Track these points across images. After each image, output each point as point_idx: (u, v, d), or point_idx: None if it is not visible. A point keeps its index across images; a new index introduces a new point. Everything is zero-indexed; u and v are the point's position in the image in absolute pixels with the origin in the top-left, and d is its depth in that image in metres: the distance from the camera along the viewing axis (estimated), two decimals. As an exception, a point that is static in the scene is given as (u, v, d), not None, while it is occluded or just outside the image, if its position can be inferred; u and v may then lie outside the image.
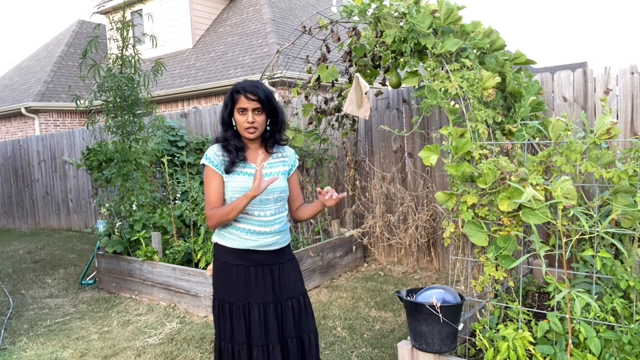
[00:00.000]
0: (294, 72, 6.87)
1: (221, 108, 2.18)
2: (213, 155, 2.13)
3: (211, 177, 2.12)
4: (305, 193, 5.32)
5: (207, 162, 2.13)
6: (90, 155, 5.25)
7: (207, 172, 2.13)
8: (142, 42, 5.67)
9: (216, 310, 2.17)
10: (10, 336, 3.97)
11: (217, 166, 2.11)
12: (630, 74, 3.81)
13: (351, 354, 3.29)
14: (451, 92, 2.95)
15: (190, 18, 12.15)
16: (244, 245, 2.13)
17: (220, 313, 2.15)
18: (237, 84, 2.13)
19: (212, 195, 2.11)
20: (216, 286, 2.18)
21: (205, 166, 2.14)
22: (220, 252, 2.17)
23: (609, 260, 2.37)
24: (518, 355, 2.33)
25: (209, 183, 2.12)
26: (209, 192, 2.12)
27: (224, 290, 2.15)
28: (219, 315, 2.15)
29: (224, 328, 2.13)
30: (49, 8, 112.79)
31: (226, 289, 2.15)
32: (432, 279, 4.83)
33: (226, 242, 2.15)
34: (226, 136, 2.14)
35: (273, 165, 2.19)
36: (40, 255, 7.07)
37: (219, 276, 2.18)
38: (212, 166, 2.11)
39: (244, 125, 2.09)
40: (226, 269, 2.15)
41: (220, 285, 2.16)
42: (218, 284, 2.17)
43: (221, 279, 2.16)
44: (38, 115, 11.89)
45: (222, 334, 2.14)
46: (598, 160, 2.52)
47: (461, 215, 2.64)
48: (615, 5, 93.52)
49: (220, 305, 2.15)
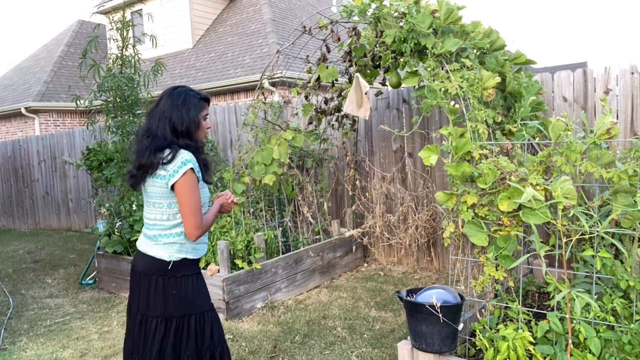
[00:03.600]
0: (294, 72, 6.87)
1: (191, 115, 2.08)
2: (195, 163, 2.04)
3: (196, 185, 2.03)
4: (305, 193, 5.33)
5: (196, 167, 2.04)
6: (90, 155, 5.25)
7: (193, 179, 2.01)
8: (142, 42, 5.67)
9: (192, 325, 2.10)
10: (10, 336, 3.97)
11: (199, 172, 2.07)
12: (630, 74, 3.81)
13: (351, 354, 3.29)
14: (451, 92, 2.95)
15: (190, 18, 12.15)
16: (205, 252, 2.22)
17: (197, 327, 2.12)
18: (192, 90, 2.14)
19: (198, 204, 2.02)
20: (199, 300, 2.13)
21: (193, 171, 2.02)
22: (192, 267, 2.13)
23: (609, 260, 2.37)
24: (518, 355, 2.33)
25: (195, 190, 2.01)
26: (196, 200, 2.01)
27: (202, 302, 2.15)
28: (195, 330, 2.11)
29: (198, 339, 2.13)
30: (49, 8, 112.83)
31: (204, 299, 2.17)
32: (432, 279, 4.83)
33: (196, 254, 2.15)
34: (194, 146, 2.09)
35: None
36: (40, 255, 7.07)
37: (198, 288, 2.13)
38: (198, 174, 2.05)
39: (205, 130, 2.17)
40: (198, 280, 2.15)
41: (204, 295, 2.16)
42: (201, 296, 2.14)
43: (200, 290, 2.14)
44: (38, 115, 11.89)
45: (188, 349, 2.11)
46: (598, 160, 2.53)
47: (461, 215, 2.64)
48: (615, 5, 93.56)
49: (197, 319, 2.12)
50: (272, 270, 4.27)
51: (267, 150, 4.53)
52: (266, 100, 4.97)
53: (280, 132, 4.78)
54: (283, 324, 3.83)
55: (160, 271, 2.07)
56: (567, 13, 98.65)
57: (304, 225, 5.28)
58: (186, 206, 1.99)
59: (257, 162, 4.51)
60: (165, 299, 2.05)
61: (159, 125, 2.05)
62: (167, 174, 2.00)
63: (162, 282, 2.06)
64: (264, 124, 5.00)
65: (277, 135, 4.69)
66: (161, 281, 2.06)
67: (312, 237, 5.24)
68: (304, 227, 5.27)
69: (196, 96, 2.12)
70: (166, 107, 2.07)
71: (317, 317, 3.94)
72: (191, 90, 2.14)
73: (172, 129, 2.05)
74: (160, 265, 2.07)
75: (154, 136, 2.05)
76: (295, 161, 5.25)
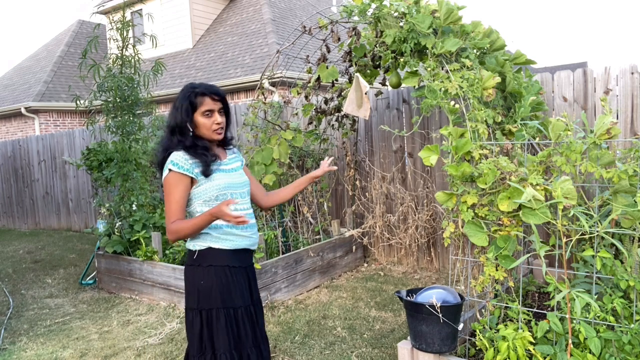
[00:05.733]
0: (294, 72, 6.87)
1: (173, 113, 2.07)
2: (182, 160, 2.00)
3: (175, 185, 1.99)
4: (305, 193, 5.33)
5: (174, 167, 1.99)
6: (90, 155, 5.25)
7: (171, 180, 1.99)
8: (142, 42, 5.67)
9: (221, 320, 2.03)
10: (10, 336, 3.97)
11: (189, 170, 2.00)
12: (630, 74, 3.81)
13: (351, 354, 3.29)
14: (451, 92, 2.95)
15: (190, 18, 12.15)
16: (241, 244, 2.11)
17: (227, 323, 2.03)
18: (192, 86, 2.08)
19: (174, 206, 1.98)
20: (215, 296, 2.03)
21: (171, 173, 1.99)
22: (219, 256, 2.05)
23: (609, 260, 2.37)
24: (518, 355, 2.33)
25: (173, 192, 1.98)
26: (171, 201, 1.98)
27: (230, 297, 2.05)
28: (225, 326, 2.02)
29: (230, 337, 2.03)
30: (49, 8, 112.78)
31: (233, 294, 2.06)
32: (432, 279, 4.83)
33: (223, 244, 2.06)
34: (186, 142, 2.05)
35: (232, 161, 2.20)
36: (40, 255, 7.07)
37: (219, 283, 2.04)
38: (181, 171, 1.98)
39: (212, 127, 2.07)
40: (229, 274, 2.06)
41: (224, 291, 2.04)
42: (220, 292, 2.04)
43: (225, 285, 2.04)
44: (38, 115, 11.89)
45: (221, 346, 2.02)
46: (598, 160, 2.52)
47: (461, 215, 2.64)
48: (615, 5, 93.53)
49: (226, 314, 2.03)
50: (272, 270, 4.26)
51: (267, 150, 4.53)
52: (266, 100, 4.97)
53: (280, 132, 4.78)
54: (283, 324, 3.83)
55: (190, 261, 2.09)
56: (567, 13, 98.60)
57: (304, 225, 5.28)
58: (165, 207, 2.03)
59: (257, 162, 4.51)
60: (194, 289, 2.05)
61: (167, 124, 2.13)
62: (161, 176, 2.08)
63: (192, 273, 2.07)
64: (264, 124, 5.00)
65: (277, 135, 4.70)
66: (191, 271, 2.07)
67: (312, 237, 5.24)
68: (304, 227, 5.27)
69: (194, 92, 2.05)
70: (171, 109, 2.14)
71: (317, 317, 3.94)
72: (195, 86, 2.08)
73: (170, 128, 2.09)
74: (190, 255, 2.10)
75: (163, 137, 2.15)
76: (295, 161, 5.25)
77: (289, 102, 5.01)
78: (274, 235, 4.71)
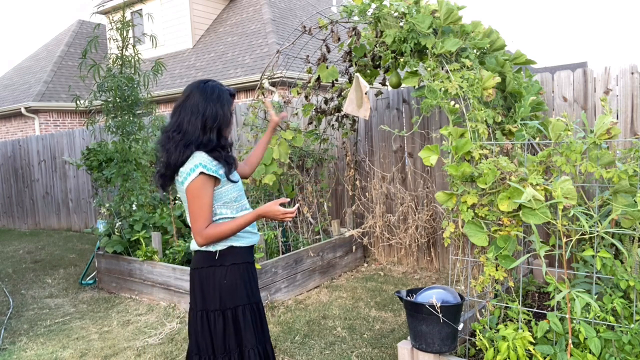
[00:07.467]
0: (294, 72, 6.87)
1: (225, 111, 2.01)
2: (209, 162, 1.94)
3: (207, 188, 1.92)
4: (305, 193, 5.33)
5: (206, 170, 1.91)
6: (90, 155, 5.25)
7: (203, 183, 1.91)
8: (142, 42, 5.67)
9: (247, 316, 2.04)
10: (10, 336, 3.97)
11: (216, 172, 1.94)
12: (630, 74, 3.81)
13: (351, 354, 3.29)
14: (451, 92, 2.95)
15: (190, 18, 12.15)
16: (254, 240, 2.15)
17: (252, 318, 2.06)
18: (219, 84, 2.07)
19: (207, 209, 1.93)
20: (240, 293, 2.04)
21: (201, 175, 1.91)
22: (240, 254, 2.06)
23: (609, 260, 2.37)
24: (518, 355, 2.33)
25: (203, 195, 1.91)
26: (204, 205, 1.92)
27: (252, 292, 2.09)
28: (251, 321, 2.04)
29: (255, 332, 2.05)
30: (49, 8, 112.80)
31: (255, 289, 2.12)
32: (432, 279, 4.83)
33: (242, 242, 2.07)
34: (222, 141, 2.02)
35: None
36: (40, 255, 7.07)
37: (242, 279, 2.05)
38: (211, 173, 1.92)
39: (231, 127, 2.11)
40: (249, 270, 2.11)
41: (247, 287, 2.07)
42: (245, 288, 2.05)
43: (247, 281, 2.07)
44: (38, 115, 11.89)
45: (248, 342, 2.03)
46: (598, 160, 2.52)
47: (461, 215, 2.64)
48: (615, 5, 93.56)
49: (251, 309, 2.07)
50: (272, 270, 4.26)
51: (267, 150, 4.53)
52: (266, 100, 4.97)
53: (280, 132, 4.78)
54: (283, 324, 3.83)
55: (207, 262, 2.03)
56: (567, 13, 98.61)
57: (304, 225, 5.28)
58: (190, 211, 1.94)
59: (257, 162, 4.50)
60: (215, 290, 2.02)
61: (191, 120, 1.95)
62: (179, 178, 1.97)
63: (212, 274, 2.02)
64: (264, 124, 5.00)
65: (277, 135, 4.69)
66: (210, 272, 2.02)
67: (312, 237, 5.24)
68: (304, 227, 5.27)
69: (227, 91, 2.07)
70: (199, 101, 1.97)
71: (317, 317, 3.94)
72: (221, 85, 2.08)
73: (202, 124, 1.95)
74: (207, 256, 2.03)
75: (184, 132, 1.95)
76: (295, 161, 5.25)
77: (289, 102, 5.01)
78: (274, 235, 4.71)
